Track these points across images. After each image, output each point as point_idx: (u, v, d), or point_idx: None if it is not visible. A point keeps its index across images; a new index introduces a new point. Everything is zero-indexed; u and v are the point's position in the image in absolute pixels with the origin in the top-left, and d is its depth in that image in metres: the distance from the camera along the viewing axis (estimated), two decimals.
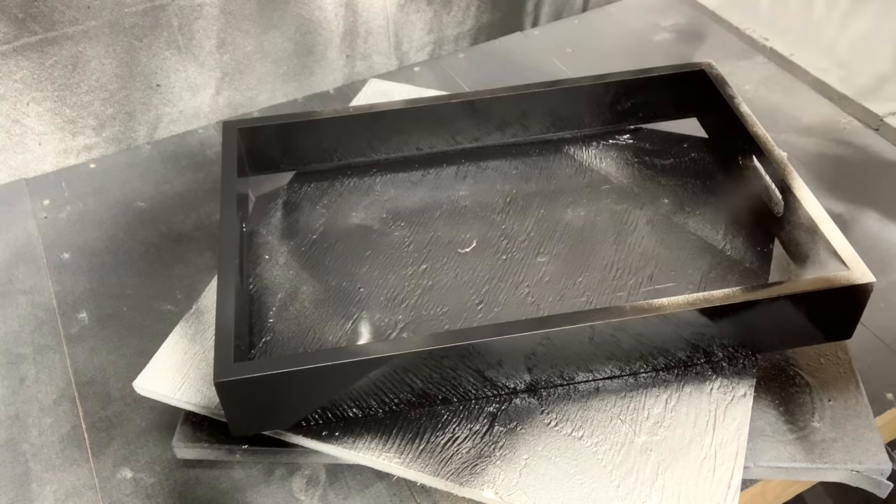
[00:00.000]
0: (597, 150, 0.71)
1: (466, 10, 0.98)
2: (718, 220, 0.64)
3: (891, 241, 0.68)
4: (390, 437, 0.51)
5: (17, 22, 0.71)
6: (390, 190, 0.69)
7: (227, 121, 0.66)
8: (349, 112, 0.67)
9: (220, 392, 0.48)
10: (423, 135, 0.70)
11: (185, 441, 0.52)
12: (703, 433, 0.51)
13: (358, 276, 0.61)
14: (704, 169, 0.69)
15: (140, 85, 0.81)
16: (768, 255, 0.61)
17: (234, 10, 0.81)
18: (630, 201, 0.66)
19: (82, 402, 0.57)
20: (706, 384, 0.54)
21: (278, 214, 0.67)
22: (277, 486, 0.51)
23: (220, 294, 0.52)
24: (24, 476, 0.53)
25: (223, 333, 0.50)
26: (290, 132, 0.67)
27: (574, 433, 0.51)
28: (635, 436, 0.51)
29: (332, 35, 0.89)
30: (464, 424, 0.52)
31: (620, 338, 0.51)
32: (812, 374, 0.56)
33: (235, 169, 0.62)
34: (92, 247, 0.69)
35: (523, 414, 0.52)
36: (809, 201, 0.56)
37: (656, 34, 0.96)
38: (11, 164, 0.78)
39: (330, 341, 0.56)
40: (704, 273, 0.60)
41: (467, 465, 0.50)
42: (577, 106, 0.71)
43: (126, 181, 0.76)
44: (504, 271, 0.61)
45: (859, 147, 0.78)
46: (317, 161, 0.70)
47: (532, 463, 0.50)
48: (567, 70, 0.90)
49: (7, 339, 0.61)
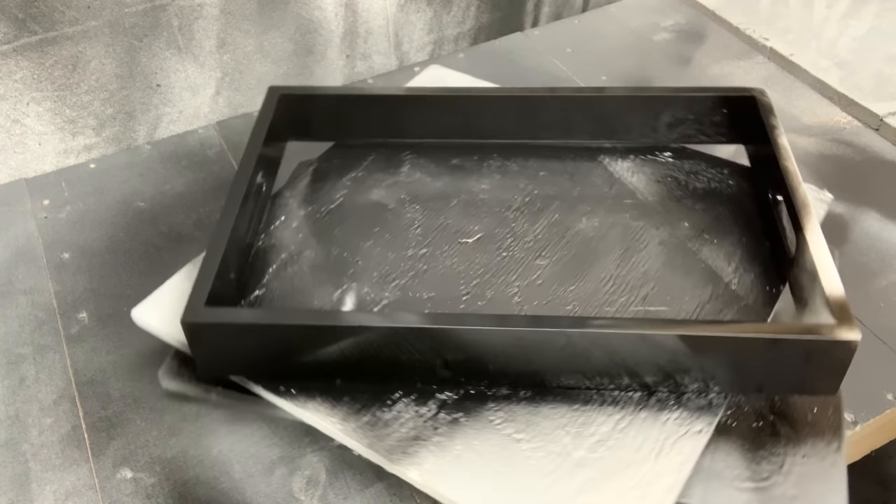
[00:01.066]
0: (632, 164, 0.70)
1: (466, 10, 0.98)
2: (734, 253, 0.61)
3: (891, 241, 0.68)
4: (339, 404, 0.53)
5: (17, 22, 0.71)
6: (416, 173, 0.70)
7: (274, 86, 0.70)
8: (392, 92, 0.70)
9: (185, 331, 0.52)
10: (462, 124, 0.71)
11: (170, 375, 0.57)
12: (643, 461, 0.50)
13: (360, 250, 0.63)
14: (735, 198, 0.66)
15: (140, 85, 0.81)
16: (775, 296, 0.58)
17: (234, 10, 0.81)
18: (649, 219, 0.65)
19: (82, 402, 0.57)
20: (664, 413, 0.52)
21: (305, 181, 0.70)
22: (277, 486, 0.51)
23: (212, 240, 0.56)
24: (24, 476, 0.53)
25: (203, 278, 0.53)
26: (333, 104, 0.70)
27: (515, 435, 0.51)
28: (574, 449, 0.51)
29: (332, 35, 0.89)
30: (412, 406, 0.53)
31: (593, 351, 0.51)
32: (794, 425, 0.52)
33: (265, 131, 0.65)
34: (92, 247, 0.69)
35: (472, 407, 0.53)
36: (818, 245, 0.54)
37: (656, 34, 0.96)
38: (11, 164, 0.78)
39: (314, 305, 0.59)
40: (702, 303, 0.58)
41: (402, 445, 0.51)
42: (622, 116, 0.70)
43: (126, 181, 0.76)
44: (500, 268, 0.61)
45: (859, 147, 0.78)
46: (354, 136, 0.73)
47: (464, 455, 0.50)
48: (567, 70, 0.90)
49: (7, 339, 0.61)
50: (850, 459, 0.59)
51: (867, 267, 0.62)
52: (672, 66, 0.90)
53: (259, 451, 0.53)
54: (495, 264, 0.62)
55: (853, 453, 0.59)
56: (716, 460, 0.50)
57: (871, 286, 0.63)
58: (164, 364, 0.58)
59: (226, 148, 0.80)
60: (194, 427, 0.55)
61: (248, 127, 0.83)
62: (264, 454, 0.53)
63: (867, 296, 0.63)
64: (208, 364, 0.55)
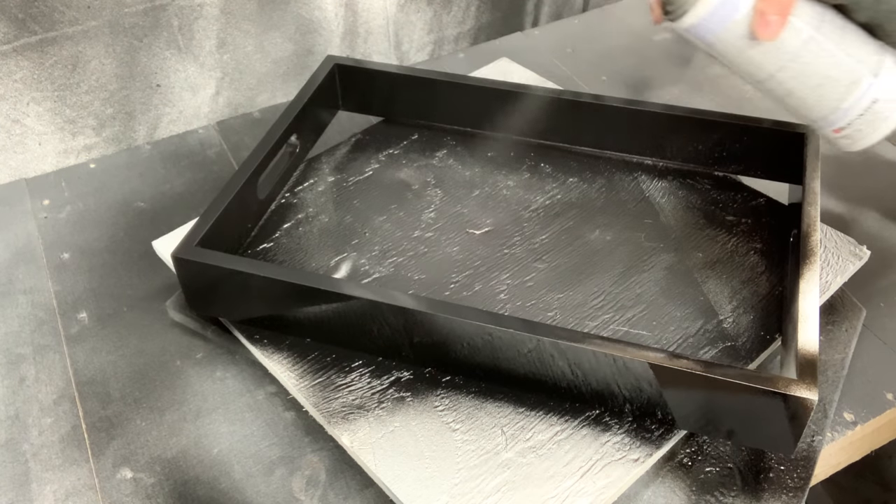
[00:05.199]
0: (668, 185, 0.68)
1: (466, 10, 0.98)
2: (739, 291, 0.59)
3: (891, 241, 0.68)
4: (301, 362, 0.56)
5: (17, 22, 0.71)
6: (450, 159, 0.72)
7: (331, 55, 0.73)
8: (443, 77, 0.72)
9: (175, 265, 0.56)
10: (506, 119, 0.71)
11: (175, 307, 0.62)
12: (568, 476, 0.49)
13: (370, 223, 0.65)
14: (760, 236, 0.64)
15: (140, 85, 0.81)
16: (768, 342, 0.56)
17: (234, 10, 0.81)
18: (662, 242, 0.63)
19: (82, 402, 0.57)
20: (605, 434, 0.51)
21: (344, 150, 0.73)
22: (277, 486, 0.51)
23: (224, 187, 0.60)
24: (24, 476, 0.53)
25: (204, 219, 0.57)
26: (386, 81, 0.73)
27: (453, 424, 0.52)
28: (504, 450, 0.50)
29: (332, 35, 0.89)
30: (367, 378, 0.55)
31: (557, 360, 0.50)
32: (753, 479, 0.50)
33: (308, 95, 0.68)
34: (92, 247, 0.69)
35: (421, 389, 0.54)
36: (809, 295, 0.51)
37: (656, 34, 0.96)
38: (11, 164, 0.78)
39: (312, 267, 0.62)
40: (686, 336, 0.56)
41: (344, 411, 0.53)
42: (668, 135, 0.68)
43: (126, 181, 0.76)
44: (497, 264, 0.61)
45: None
46: (402, 115, 0.76)
47: (398, 432, 0.52)
48: (567, 70, 0.90)
49: (7, 339, 0.61)
50: (850, 459, 0.59)
51: (867, 267, 0.62)
52: (672, 67, 0.90)
53: (259, 451, 0.53)
54: (493, 259, 0.62)
55: (853, 453, 0.59)
56: (657, 493, 0.50)
57: (872, 286, 0.63)
58: (173, 297, 0.63)
59: (226, 148, 0.80)
60: (194, 427, 0.55)
61: (249, 127, 0.83)
62: (264, 454, 0.53)
63: (867, 296, 0.63)
64: (195, 301, 0.59)
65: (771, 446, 0.50)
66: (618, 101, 0.68)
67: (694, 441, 0.53)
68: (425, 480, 0.49)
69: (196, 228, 0.57)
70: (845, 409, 0.56)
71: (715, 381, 0.46)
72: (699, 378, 0.46)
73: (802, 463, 0.51)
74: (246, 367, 0.58)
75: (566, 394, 0.52)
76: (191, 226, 0.58)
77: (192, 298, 0.59)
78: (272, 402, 0.56)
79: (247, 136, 0.82)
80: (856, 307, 0.61)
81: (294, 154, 0.68)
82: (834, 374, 0.57)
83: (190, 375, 0.58)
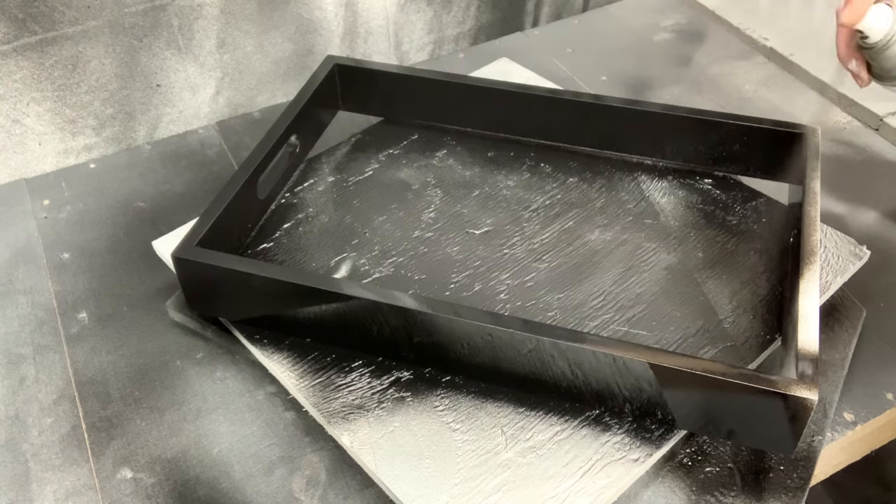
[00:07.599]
0: (668, 185, 0.68)
1: (466, 10, 0.98)
2: (739, 291, 0.59)
3: (891, 241, 0.68)
4: (302, 362, 0.56)
5: (17, 22, 0.71)
6: (450, 159, 0.72)
7: (331, 55, 0.73)
8: (443, 77, 0.72)
9: (175, 265, 0.56)
10: (506, 119, 0.72)
11: (175, 307, 0.62)
12: (568, 476, 0.49)
13: (370, 223, 0.65)
14: (761, 236, 0.63)
15: (140, 85, 0.81)
16: (768, 342, 0.55)
17: (234, 10, 0.81)
18: (663, 243, 0.63)
19: (82, 402, 0.57)
20: (605, 434, 0.51)
21: (344, 150, 0.73)
22: (277, 486, 0.51)
23: (224, 188, 0.60)
24: (24, 476, 0.53)
25: (204, 219, 0.57)
26: (386, 81, 0.73)
27: (453, 424, 0.52)
28: (504, 450, 0.51)
29: (332, 35, 0.89)
30: (366, 378, 0.55)
31: (557, 361, 0.50)
32: (753, 480, 0.50)
33: (307, 96, 0.69)
34: (92, 247, 0.69)
35: (421, 389, 0.54)
36: (809, 295, 0.51)
37: (656, 34, 0.96)
38: (11, 164, 0.78)
39: (312, 267, 0.62)
40: (686, 336, 0.56)
41: (344, 411, 0.53)
42: (668, 135, 0.68)
43: (126, 181, 0.76)
44: (497, 264, 0.61)
45: (859, 147, 0.78)
46: (402, 115, 0.75)
47: (398, 432, 0.52)
48: (567, 70, 0.90)
49: (7, 339, 0.61)
50: (850, 459, 0.59)
51: (867, 267, 0.62)
52: (672, 66, 0.90)
53: (259, 451, 0.53)
54: (493, 259, 0.62)
55: (853, 453, 0.59)
56: (657, 494, 0.50)
57: (872, 286, 0.63)
58: (173, 297, 0.62)
59: (226, 148, 0.80)
60: (194, 427, 0.55)
61: (249, 127, 0.83)
62: (264, 454, 0.53)
63: (867, 296, 0.63)
64: (194, 301, 0.59)
65: (771, 446, 0.50)
66: (618, 101, 0.68)
67: (694, 441, 0.53)
68: (425, 480, 0.49)
69: (196, 228, 0.57)
70: (845, 409, 0.56)
71: (715, 381, 0.46)
72: (699, 378, 0.46)
73: (802, 463, 0.51)
74: (246, 367, 0.58)
75: (566, 394, 0.53)
76: (191, 226, 0.58)
77: (192, 298, 0.59)
78: (272, 402, 0.56)
79: (247, 136, 0.82)
80: (856, 307, 0.61)
81: (294, 154, 0.68)
82: (834, 374, 0.57)
83: (190, 375, 0.58)
